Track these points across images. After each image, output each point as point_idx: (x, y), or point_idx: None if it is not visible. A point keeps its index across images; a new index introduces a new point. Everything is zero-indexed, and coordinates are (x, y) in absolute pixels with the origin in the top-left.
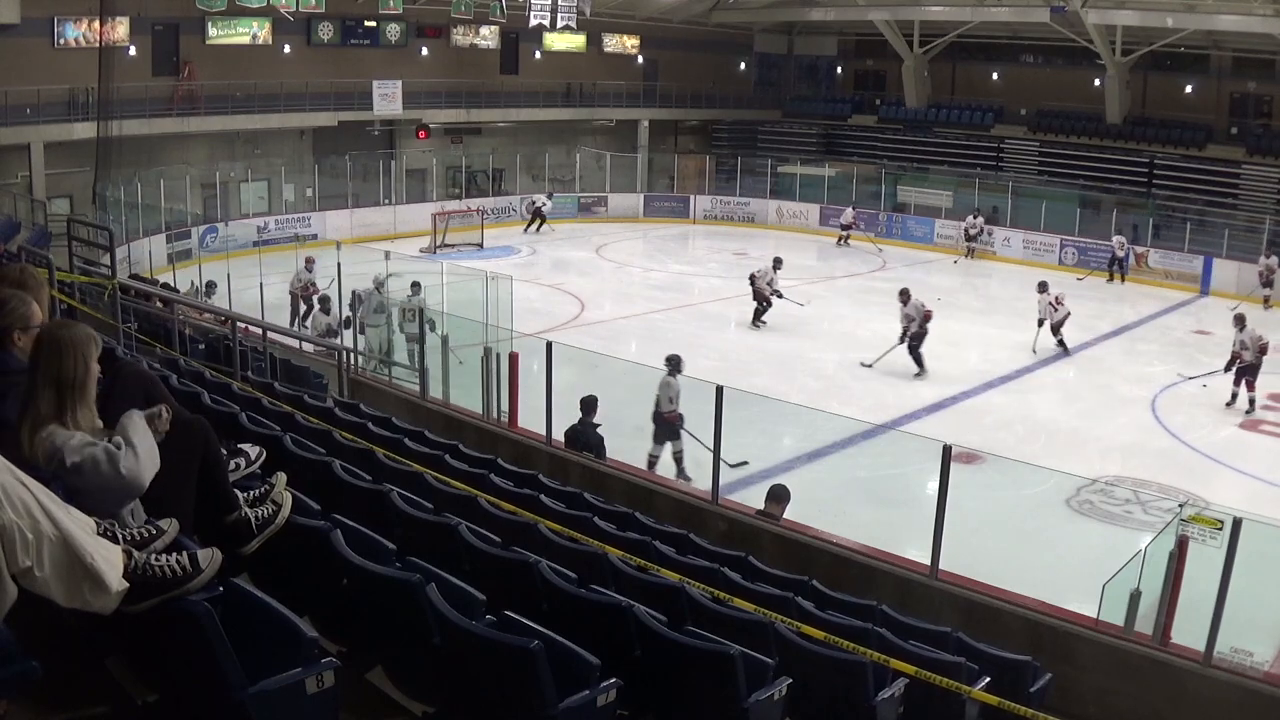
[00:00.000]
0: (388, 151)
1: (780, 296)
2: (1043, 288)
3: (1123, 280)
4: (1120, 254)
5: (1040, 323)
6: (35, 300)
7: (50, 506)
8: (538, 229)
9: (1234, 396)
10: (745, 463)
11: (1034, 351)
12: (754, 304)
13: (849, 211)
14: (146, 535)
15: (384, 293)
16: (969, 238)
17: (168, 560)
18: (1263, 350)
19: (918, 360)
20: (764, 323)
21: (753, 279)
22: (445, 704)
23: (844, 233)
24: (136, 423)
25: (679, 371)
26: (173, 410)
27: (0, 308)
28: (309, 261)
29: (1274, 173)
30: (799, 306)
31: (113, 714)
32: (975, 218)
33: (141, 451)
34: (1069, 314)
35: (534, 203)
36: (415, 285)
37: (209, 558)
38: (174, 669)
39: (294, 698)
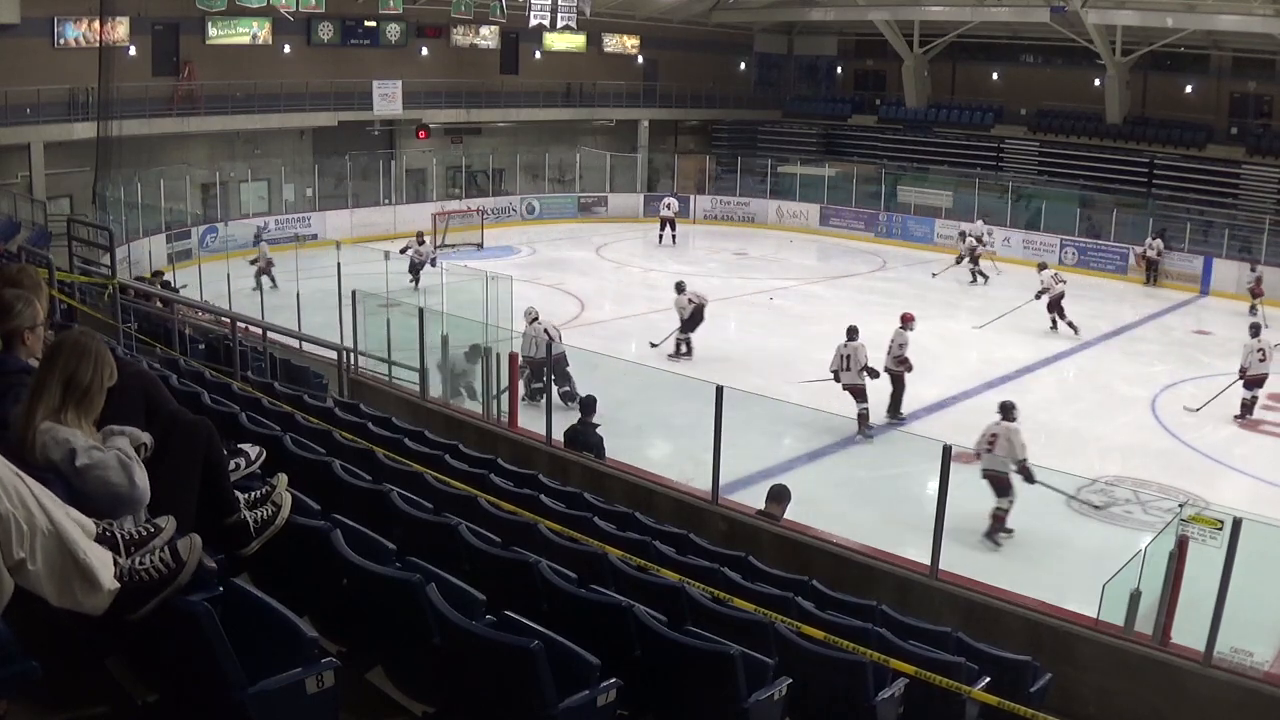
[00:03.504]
0: (388, 151)
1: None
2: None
3: (1155, 283)
4: (1154, 256)
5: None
6: (35, 299)
7: (45, 501)
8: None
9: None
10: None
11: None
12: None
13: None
14: (145, 534)
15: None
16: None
17: (151, 561)
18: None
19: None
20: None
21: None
22: (445, 704)
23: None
24: (130, 443)
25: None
26: (177, 411)
27: (9, 311)
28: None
29: (1274, 173)
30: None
31: (113, 714)
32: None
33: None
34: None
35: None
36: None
37: (188, 546)
38: (174, 669)
39: (294, 698)
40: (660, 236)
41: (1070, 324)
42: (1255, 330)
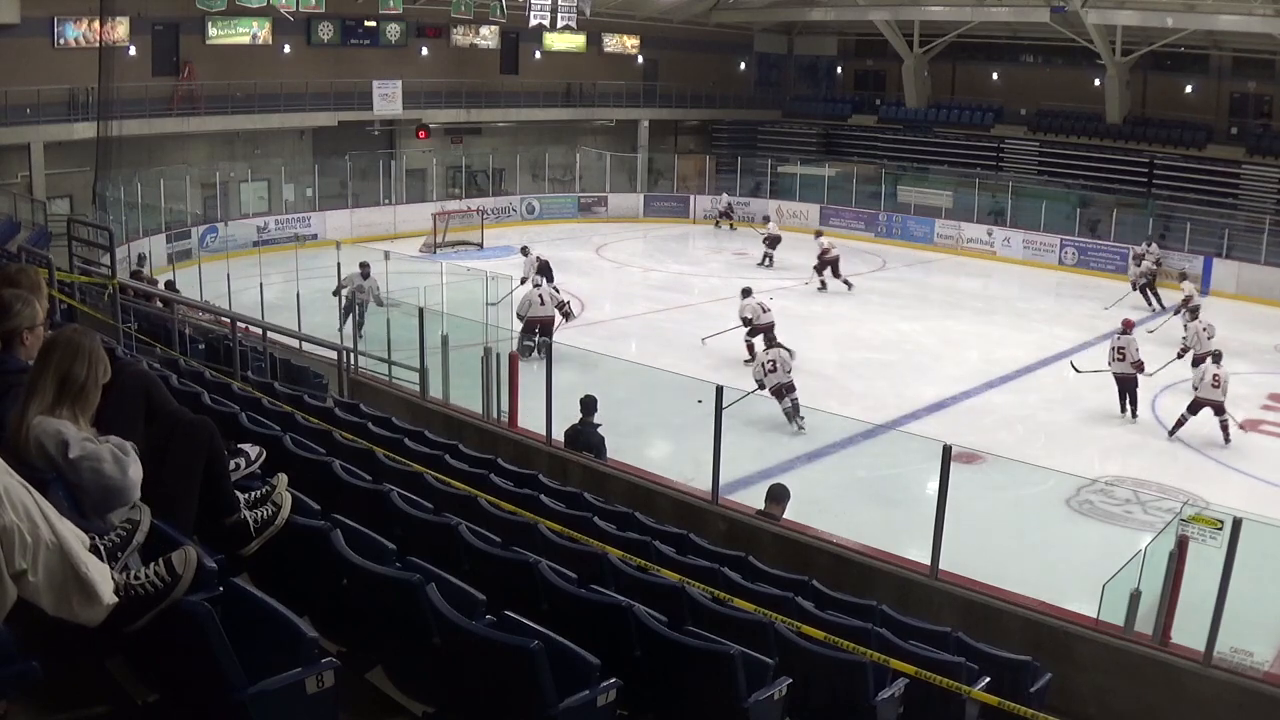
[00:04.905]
0: (388, 151)
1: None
2: (1194, 313)
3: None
4: (1152, 266)
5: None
6: (35, 299)
7: (49, 513)
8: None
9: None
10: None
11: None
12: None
13: None
14: (125, 534)
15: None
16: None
17: (146, 575)
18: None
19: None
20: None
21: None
22: (445, 704)
23: None
24: (128, 445)
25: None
26: (178, 411)
27: (8, 310)
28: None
29: (1274, 173)
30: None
31: (113, 714)
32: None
33: (139, 463)
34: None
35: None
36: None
37: (183, 560)
38: (174, 669)
39: (294, 698)
40: (717, 223)
41: (845, 280)
42: (1194, 313)
